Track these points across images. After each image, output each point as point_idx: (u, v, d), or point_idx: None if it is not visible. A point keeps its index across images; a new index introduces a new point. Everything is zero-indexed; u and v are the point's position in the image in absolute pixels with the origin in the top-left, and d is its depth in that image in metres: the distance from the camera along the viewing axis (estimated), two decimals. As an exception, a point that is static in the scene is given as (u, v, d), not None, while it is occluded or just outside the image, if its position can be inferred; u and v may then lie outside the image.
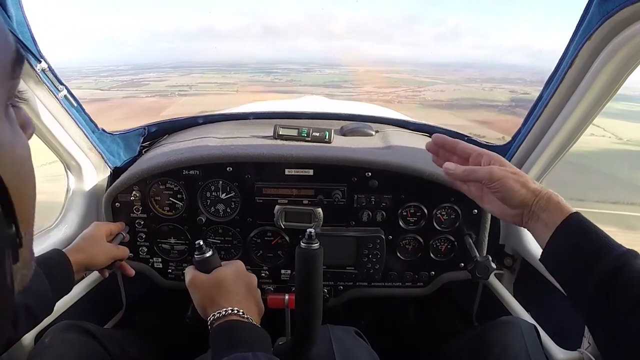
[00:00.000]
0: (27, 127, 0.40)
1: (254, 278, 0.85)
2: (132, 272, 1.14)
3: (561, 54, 0.94)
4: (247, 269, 0.88)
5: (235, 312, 0.73)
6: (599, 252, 0.62)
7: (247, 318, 0.74)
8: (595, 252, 0.63)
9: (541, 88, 1.03)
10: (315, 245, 0.76)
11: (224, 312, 0.72)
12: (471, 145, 0.79)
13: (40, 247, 1.16)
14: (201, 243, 0.81)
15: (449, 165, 0.77)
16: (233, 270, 0.82)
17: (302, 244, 0.76)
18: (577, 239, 0.65)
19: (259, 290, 0.84)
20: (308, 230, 0.76)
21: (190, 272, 0.81)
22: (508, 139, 1.26)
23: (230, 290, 0.77)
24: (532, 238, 1.23)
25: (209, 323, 0.74)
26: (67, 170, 1.30)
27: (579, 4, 0.85)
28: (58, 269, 0.90)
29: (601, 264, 0.61)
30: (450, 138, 0.81)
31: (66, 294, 0.94)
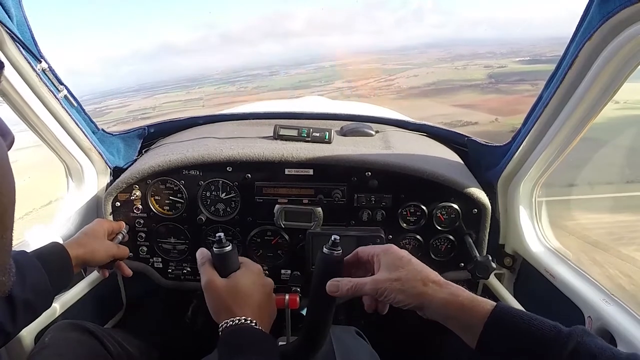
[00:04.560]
0: (6, 135, 0.41)
1: (270, 284, 0.83)
2: (130, 273, 1.14)
3: (561, 54, 0.94)
4: None
5: (248, 322, 0.71)
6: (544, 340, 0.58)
7: (259, 328, 0.72)
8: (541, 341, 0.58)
9: (513, 59, 1.00)
10: (338, 252, 0.74)
11: (237, 321, 0.71)
12: (367, 248, 0.76)
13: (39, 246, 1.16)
14: (222, 236, 0.76)
15: (330, 286, 0.72)
16: (251, 278, 0.78)
17: (325, 249, 0.74)
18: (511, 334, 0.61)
19: (273, 296, 0.82)
20: (333, 236, 0.74)
21: (207, 274, 0.76)
22: (502, 120, 1.23)
23: (246, 300, 0.75)
24: (533, 238, 1.24)
25: (220, 329, 0.72)
26: (67, 170, 1.30)
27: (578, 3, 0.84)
28: (57, 262, 0.89)
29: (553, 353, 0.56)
30: (350, 255, 0.76)
31: (65, 287, 0.93)
